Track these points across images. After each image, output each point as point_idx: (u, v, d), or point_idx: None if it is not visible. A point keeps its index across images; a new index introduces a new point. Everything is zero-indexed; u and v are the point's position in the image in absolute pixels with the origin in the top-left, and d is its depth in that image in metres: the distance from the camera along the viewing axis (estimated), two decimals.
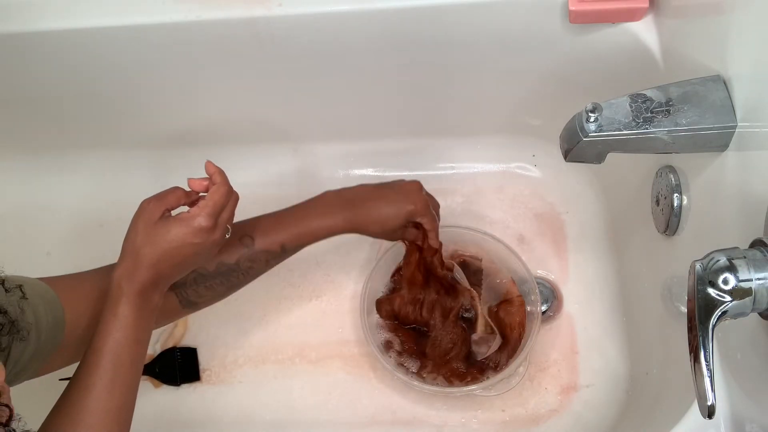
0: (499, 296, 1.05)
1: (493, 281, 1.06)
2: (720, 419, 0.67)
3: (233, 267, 0.85)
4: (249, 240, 0.86)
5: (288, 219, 0.89)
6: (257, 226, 0.87)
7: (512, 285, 1.05)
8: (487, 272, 1.06)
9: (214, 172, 0.75)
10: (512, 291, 1.04)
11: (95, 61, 0.98)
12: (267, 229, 0.87)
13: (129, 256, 0.71)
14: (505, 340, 1.02)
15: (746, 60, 0.64)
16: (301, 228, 0.88)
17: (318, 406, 1.06)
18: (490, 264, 1.07)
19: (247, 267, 0.86)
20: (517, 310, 1.03)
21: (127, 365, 0.69)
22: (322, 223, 0.89)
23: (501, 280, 1.06)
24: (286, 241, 0.87)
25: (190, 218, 0.72)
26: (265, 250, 0.86)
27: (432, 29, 0.92)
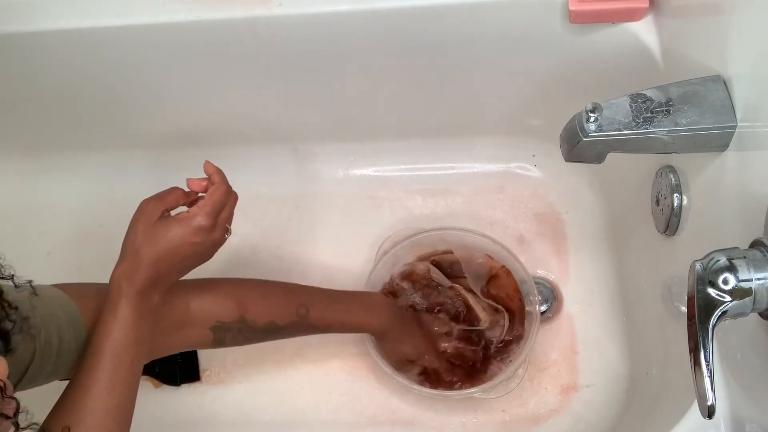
0: (484, 276, 1.06)
1: (472, 265, 1.06)
2: (720, 419, 0.67)
3: (279, 329, 0.88)
4: (304, 310, 0.89)
5: (343, 305, 0.95)
6: (315, 300, 0.91)
7: (490, 260, 1.06)
8: (464, 259, 1.07)
9: (213, 171, 0.76)
10: (494, 266, 1.05)
11: (95, 61, 0.98)
12: (323, 306, 0.92)
13: (128, 256, 0.71)
14: (509, 312, 1.03)
15: (746, 60, 0.64)
16: (352, 318, 0.94)
17: (318, 406, 1.06)
18: (462, 251, 1.07)
19: (290, 333, 0.90)
20: (507, 280, 1.04)
21: (126, 365, 0.69)
22: (368, 320, 0.95)
23: (480, 261, 1.06)
24: (335, 324, 0.93)
25: (190, 218, 0.72)
26: (313, 325, 0.90)
27: (432, 29, 0.92)
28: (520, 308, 1.03)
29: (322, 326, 0.91)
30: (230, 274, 1.13)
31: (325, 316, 0.91)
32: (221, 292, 0.84)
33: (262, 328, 0.86)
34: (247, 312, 0.84)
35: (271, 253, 1.16)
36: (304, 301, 0.90)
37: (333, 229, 1.17)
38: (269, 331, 0.87)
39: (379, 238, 1.11)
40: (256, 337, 0.87)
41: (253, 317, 0.85)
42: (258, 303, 0.86)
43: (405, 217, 1.16)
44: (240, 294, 0.85)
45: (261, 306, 0.86)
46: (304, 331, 0.91)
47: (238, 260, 1.15)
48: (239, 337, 0.85)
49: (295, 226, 1.18)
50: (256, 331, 0.86)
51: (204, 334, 0.83)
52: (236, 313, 0.84)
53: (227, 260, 1.14)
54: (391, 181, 1.19)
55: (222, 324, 0.83)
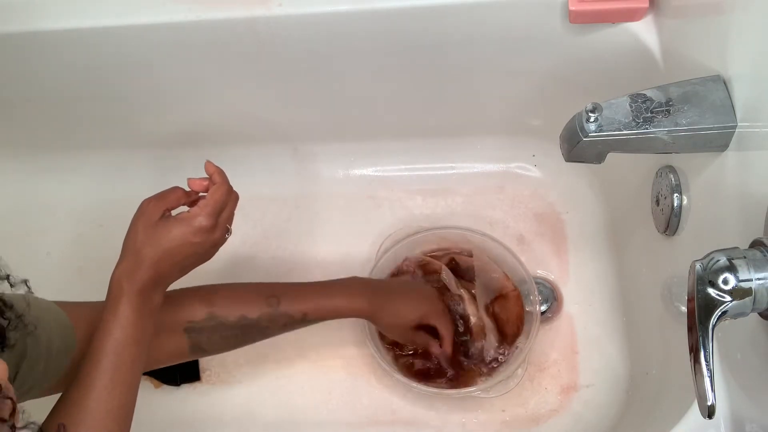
0: (493, 292, 1.05)
1: (486, 277, 1.05)
2: (720, 419, 0.67)
3: (253, 323, 0.86)
4: (275, 300, 0.87)
5: (315, 291, 0.92)
6: (285, 291, 0.89)
7: (506, 279, 1.05)
8: (480, 268, 1.06)
9: (214, 171, 0.76)
10: (507, 286, 1.04)
11: (95, 61, 0.98)
12: (293, 295, 0.89)
13: (129, 255, 0.71)
14: (501, 336, 1.02)
15: (746, 60, 0.64)
16: (326, 302, 0.90)
17: (318, 406, 1.06)
18: (482, 259, 1.06)
19: (265, 326, 0.87)
20: (513, 305, 1.03)
21: (127, 365, 0.69)
22: (345, 303, 0.91)
23: (495, 275, 1.05)
24: (309, 311, 0.89)
25: (191, 218, 0.72)
26: (287, 314, 0.88)
27: (432, 29, 0.92)
28: (512, 338, 1.01)
29: (298, 315, 0.89)
30: (230, 274, 1.14)
31: (298, 304, 0.88)
32: (187, 295, 0.84)
33: (235, 322, 0.85)
34: (214, 306, 0.84)
35: (271, 253, 1.16)
36: (273, 292, 0.88)
37: (333, 229, 1.17)
38: (243, 326, 0.85)
39: (379, 238, 1.11)
40: (233, 334, 0.85)
41: (222, 312, 0.84)
42: (226, 297, 0.85)
43: (405, 217, 1.16)
44: (207, 294, 0.85)
45: (229, 300, 0.85)
46: (281, 323, 0.88)
47: (238, 260, 1.15)
48: (214, 336, 0.84)
49: (295, 226, 1.18)
50: (230, 327, 0.85)
51: (179, 340, 0.82)
52: (204, 311, 0.83)
53: (227, 260, 1.14)
54: (391, 181, 1.19)
55: (193, 324, 0.83)
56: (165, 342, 0.81)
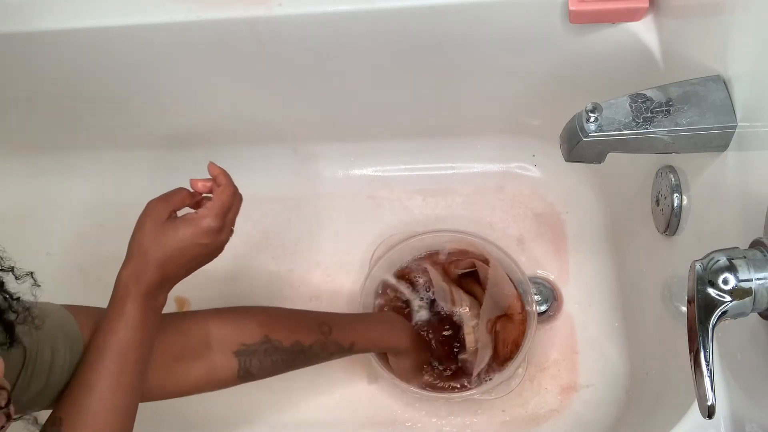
0: (500, 309, 1.03)
1: (498, 292, 1.03)
2: (720, 419, 0.67)
3: (306, 349, 0.87)
4: (327, 329, 0.89)
5: (363, 324, 0.97)
6: (336, 321, 0.92)
7: (517, 300, 1.02)
8: (493, 281, 1.03)
9: (219, 173, 0.76)
10: (515, 307, 1.01)
11: (95, 61, 0.98)
12: (344, 325, 0.92)
13: (136, 256, 0.71)
14: (495, 355, 1.01)
15: (746, 60, 0.64)
16: (373, 336, 0.96)
17: (318, 406, 1.06)
18: (498, 272, 1.03)
19: (316, 353, 0.88)
20: (516, 328, 1.01)
21: (132, 366, 0.69)
22: (390, 340, 0.98)
23: (507, 293, 1.03)
24: (357, 341, 0.92)
25: (199, 219, 0.72)
26: (337, 342, 0.90)
27: (432, 29, 0.92)
28: (504, 359, 1.00)
29: (347, 344, 0.91)
30: (230, 274, 1.14)
31: (348, 334, 0.91)
32: (242, 314, 0.83)
33: (289, 348, 0.84)
34: (271, 332, 0.83)
35: (271, 253, 1.16)
36: (325, 320, 0.90)
37: (333, 229, 1.17)
38: (296, 352, 0.85)
39: (379, 238, 1.11)
40: (284, 360, 0.85)
41: (278, 336, 0.83)
42: (281, 323, 0.85)
43: (405, 217, 1.16)
44: (262, 316, 0.84)
45: (284, 325, 0.85)
46: (330, 350, 0.90)
47: (239, 260, 1.15)
48: (266, 361, 0.83)
49: (296, 226, 1.18)
50: (282, 352, 0.84)
51: (228, 361, 0.80)
52: (260, 334, 0.82)
53: (228, 260, 1.14)
54: (391, 181, 1.19)
55: (246, 347, 0.81)
56: (212, 361, 0.79)
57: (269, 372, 0.85)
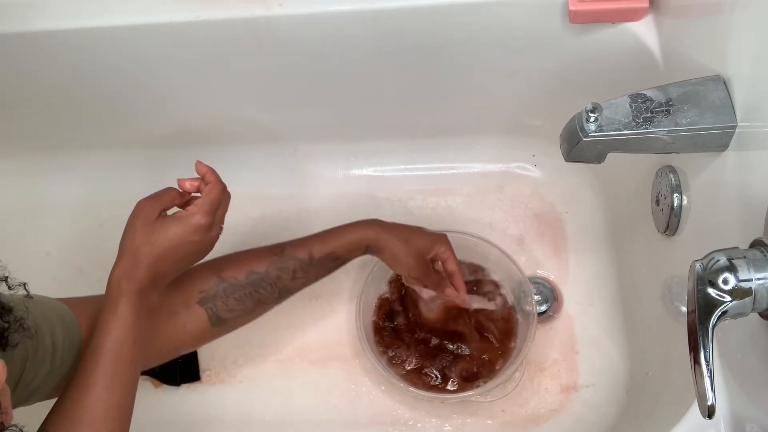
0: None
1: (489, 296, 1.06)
2: (720, 419, 0.67)
3: (263, 275, 0.86)
4: (279, 249, 0.88)
5: (318, 233, 0.92)
6: (289, 241, 0.90)
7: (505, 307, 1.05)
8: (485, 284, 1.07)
9: (206, 171, 0.76)
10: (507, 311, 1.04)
11: (95, 61, 0.98)
12: (297, 241, 0.90)
13: (128, 255, 0.71)
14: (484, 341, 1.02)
15: (746, 60, 0.64)
16: (330, 237, 0.90)
17: (318, 406, 1.06)
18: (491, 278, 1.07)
19: (276, 276, 0.87)
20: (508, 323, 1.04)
21: (127, 364, 0.69)
22: (350, 234, 0.91)
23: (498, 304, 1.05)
24: (314, 248, 0.89)
25: (189, 216, 0.73)
26: (293, 256, 0.88)
27: (432, 29, 0.92)
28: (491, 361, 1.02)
29: (304, 255, 0.88)
30: None
31: (302, 246, 0.89)
32: (196, 269, 0.84)
33: (245, 279, 0.85)
34: (222, 271, 0.84)
35: None
36: (278, 244, 0.89)
37: None
38: (254, 282, 0.85)
39: None
40: (246, 293, 0.85)
41: (231, 273, 0.84)
42: (231, 260, 0.86)
43: (405, 217, 1.15)
44: (214, 262, 0.85)
45: (235, 261, 0.86)
46: (290, 268, 0.88)
47: None
48: (229, 300, 0.84)
49: (296, 226, 1.18)
50: (241, 287, 0.85)
51: (195, 312, 0.82)
52: (214, 277, 0.84)
53: None
54: (391, 181, 1.19)
55: (205, 293, 0.83)
56: (185, 320, 0.82)
57: (241, 312, 0.86)
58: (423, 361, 1.02)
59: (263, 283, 0.86)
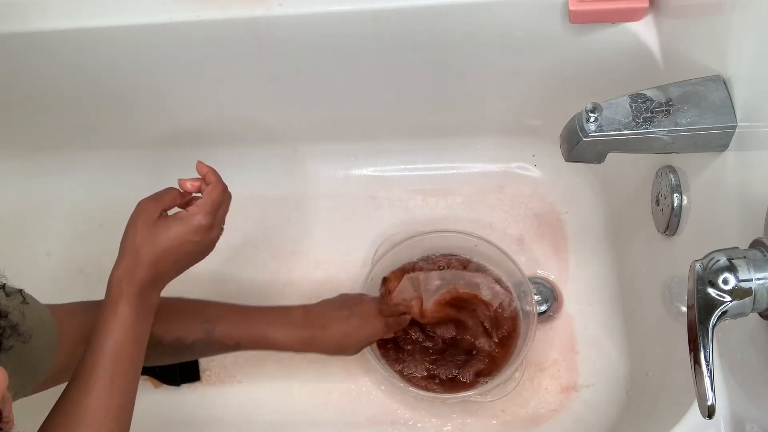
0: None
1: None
2: (720, 419, 0.67)
3: (188, 346, 0.86)
4: (210, 327, 0.87)
5: (252, 320, 0.90)
6: (222, 316, 0.88)
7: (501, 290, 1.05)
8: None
9: (207, 171, 0.76)
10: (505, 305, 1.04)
11: (95, 61, 0.98)
12: (230, 322, 0.88)
13: (128, 255, 0.71)
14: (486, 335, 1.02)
15: (746, 60, 0.64)
16: (260, 335, 0.90)
17: (318, 406, 1.06)
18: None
19: (201, 350, 0.88)
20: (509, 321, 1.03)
21: (127, 364, 0.69)
22: (279, 338, 0.90)
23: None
24: (243, 341, 0.89)
25: (190, 216, 0.73)
26: (221, 341, 0.88)
27: (432, 29, 0.92)
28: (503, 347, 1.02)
29: (231, 343, 0.89)
30: (231, 274, 1.14)
31: (232, 333, 0.88)
32: None
33: (169, 343, 0.84)
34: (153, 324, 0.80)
35: (271, 253, 1.16)
36: (210, 317, 0.87)
37: (333, 229, 1.17)
38: (177, 348, 0.85)
39: (380, 238, 1.11)
40: (168, 353, 0.85)
41: (158, 330, 0.81)
42: (163, 319, 0.82)
43: (405, 217, 1.16)
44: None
45: (166, 322, 0.84)
46: (215, 348, 0.89)
47: (239, 260, 1.15)
48: (151, 353, 0.79)
49: (296, 227, 1.18)
50: (163, 347, 0.84)
51: None
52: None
53: (228, 260, 1.14)
54: (391, 181, 1.19)
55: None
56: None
57: (155, 360, 0.86)
58: (432, 368, 1.02)
59: (186, 352, 0.87)
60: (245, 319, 0.90)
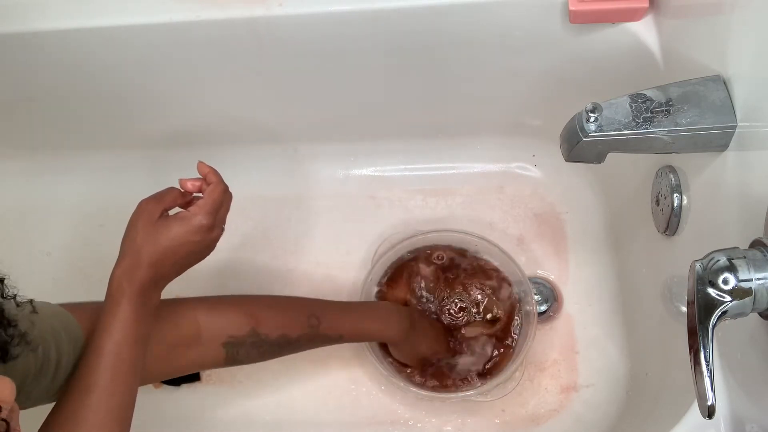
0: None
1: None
2: (720, 419, 0.67)
3: (292, 342, 0.87)
4: (315, 321, 0.88)
5: (353, 314, 0.94)
6: (325, 311, 0.90)
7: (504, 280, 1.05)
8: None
9: (208, 171, 0.76)
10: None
11: (95, 61, 0.98)
12: (334, 316, 0.91)
13: (129, 255, 0.71)
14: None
15: (746, 60, 0.64)
16: (363, 328, 0.94)
17: (318, 406, 1.06)
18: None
19: (303, 344, 0.89)
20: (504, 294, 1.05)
21: (127, 365, 0.69)
22: (380, 329, 0.95)
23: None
24: (346, 334, 0.92)
25: (191, 217, 0.73)
26: (325, 335, 0.89)
27: (432, 29, 0.92)
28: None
29: (335, 336, 0.90)
30: (231, 274, 1.14)
31: (337, 326, 0.90)
32: (231, 307, 0.84)
33: (275, 341, 0.85)
34: (258, 325, 0.83)
35: (272, 253, 1.16)
36: (314, 312, 0.89)
37: (333, 229, 1.17)
38: (282, 344, 0.86)
39: (380, 238, 1.11)
40: (270, 351, 0.86)
41: (265, 330, 0.84)
42: (269, 315, 0.85)
43: (405, 217, 1.16)
44: (250, 308, 0.84)
45: (272, 318, 0.85)
46: (318, 342, 0.90)
47: (240, 260, 1.15)
48: (253, 352, 0.84)
49: (296, 227, 1.18)
50: (269, 345, 0.84)
51: (216, 351, 0.82)
52: (248, 327, 0.83)
53: (228, 260, 1.14)
54: (391, 181, 1.19)
55: (234, 339, 0.82)
56: (202, 351, 0.81)
57: (256, 359, 0.87)
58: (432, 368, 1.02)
59: (290, 347, 0.87)
60: (348, 312, 0.94)
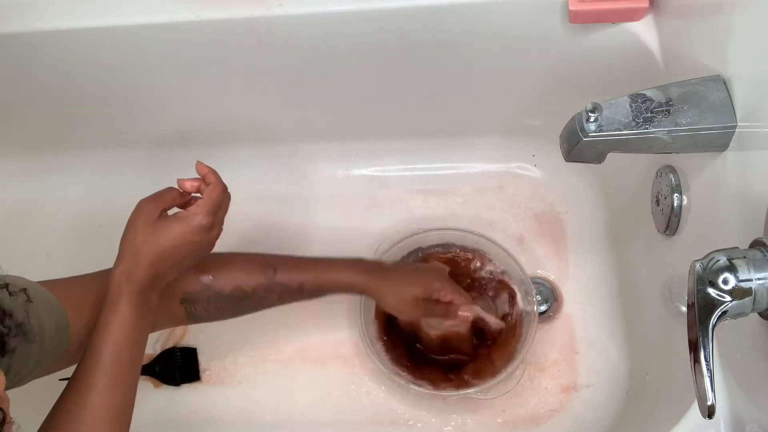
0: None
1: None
2: (720, 419, 0.67)
3: (248, 294, 0.86)
4: (271, 271, 0.87)
5: (313, 263, 0.91)
6: (282, 262, 0.89)
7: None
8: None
9: (207, 172, 0.76)
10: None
11: (95, 61, 0.98)
12: (291, 266, 0.89)
13: (128, 255, 0.71)
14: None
15: (746, 60, 0.64)
16: (323, 274, 0.90)
17: (318, 406, 1.06)
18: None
19: (261, 297, 0.87)
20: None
21: (127, 364, 0.69)
22: (343, 276, 0.90)
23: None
24: (306, 281, 0.89)
25: (190, 216, 0.73)
26: (283, 283, 0.87)
27: (432, 29, 0.92)
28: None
29: (295, 285, 0.88)
30: None
31: (295, 275, 0.88)
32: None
33: (230, 294, 0.84)
34: (210, 277, 0.83)
35: (271, 252, 1.16)
36: (271, 263, 0.88)
37: (333, 229, 1.17)
38: (238, 297, 0.85)
39: (379, 238, 1.11)
40: (228, 305, 0.85)
41: (218, 283, 0.83)
42: (222, 269, 0.84)
43: (405, 217, 1.16)
44: (206, 265, 0.84)
45: (226, 272, 0.84)
46: (277, 293, 0.88)
47: None
48: (210, 307, 0.84)
49: (296, 226, 1.18)
50: (225, 299, 0.84)
51: (176, 309, 0.82)
52: (200, 283, 0.83)
53: None
54: (391, 181, 1.19)
55: (189, 295, 0.82)
56: (163, 310, 0.80)
57: (218, 315, 0.86)
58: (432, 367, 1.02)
59: (247, 300, 0.86)
60: (307, 263, 0.90)
